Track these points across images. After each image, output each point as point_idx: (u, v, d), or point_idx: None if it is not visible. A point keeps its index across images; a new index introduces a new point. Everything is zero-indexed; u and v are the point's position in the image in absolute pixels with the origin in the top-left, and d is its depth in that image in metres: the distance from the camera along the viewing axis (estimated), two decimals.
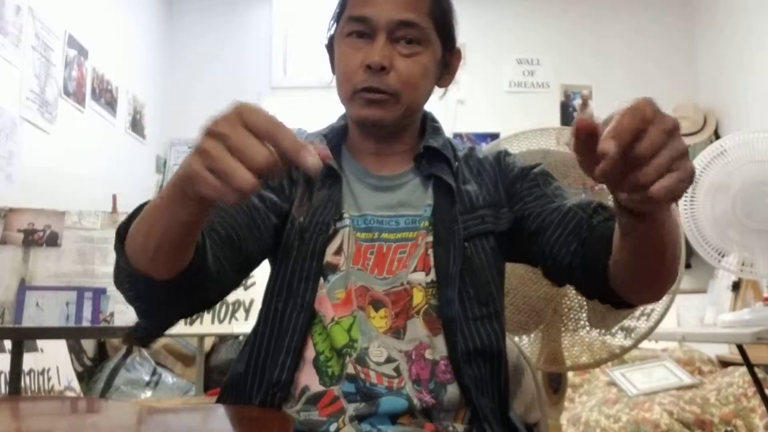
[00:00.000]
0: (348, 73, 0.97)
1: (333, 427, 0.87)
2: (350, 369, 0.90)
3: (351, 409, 0.88)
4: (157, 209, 0.69)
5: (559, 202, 0.97)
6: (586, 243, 0.90)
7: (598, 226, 0.90)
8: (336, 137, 1.05)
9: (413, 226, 0.98)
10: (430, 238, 0.97)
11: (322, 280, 0.94)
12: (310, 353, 0.92)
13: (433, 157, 1.02)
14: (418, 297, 0.94)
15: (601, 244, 0.86)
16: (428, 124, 1.07)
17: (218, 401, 0.98)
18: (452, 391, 0.91)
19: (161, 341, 3.07)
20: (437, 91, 1.07)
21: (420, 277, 0.95)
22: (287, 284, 0.95)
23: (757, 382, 2.16)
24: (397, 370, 0.90)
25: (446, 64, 1.04)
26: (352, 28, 0.97)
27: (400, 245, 0.97)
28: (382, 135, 1.02)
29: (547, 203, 0.98)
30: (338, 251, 0.96)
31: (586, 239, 0.90)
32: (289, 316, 0.93)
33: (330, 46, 1.04)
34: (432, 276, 0.95)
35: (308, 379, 0.91)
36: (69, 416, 0.92)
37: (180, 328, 1.66)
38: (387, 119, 0.97)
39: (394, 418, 0.88)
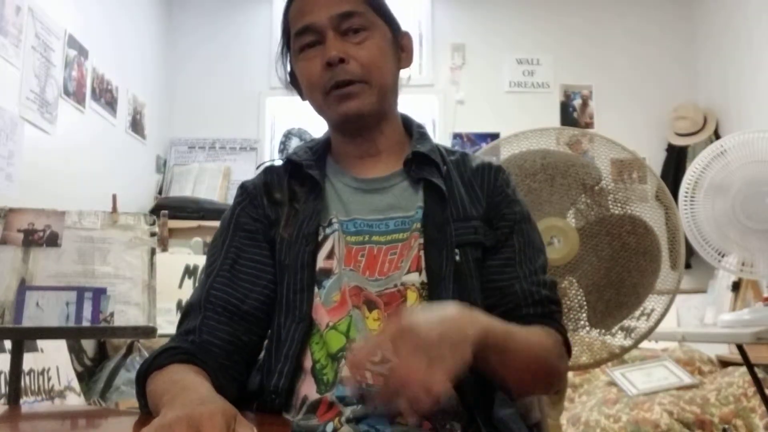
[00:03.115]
0: (313, 81, 1.00)
1: (329, 427, 0.87)
2: (345, 372, 0.90)
3: (348, 411, 0.88)
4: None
5: (511, 275, 0.99)
6: None
7: (523, 317, 0.96)
8: (321, 148, 1.07)
9: (404, 227, 0.98)
10: (423, 240, 0.97)
11: (316, 288, 0.95)
12: (308, 363, 0.93)
13: (422, 161, 1.02)
14: (412, 297, 0.94)
15: None
16: (414, 131, 1.08)
17: None
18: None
19: (161, 341, 3.07)
20: (404, 81, 1.08)
21: (414, 277, 0.95)
22: (285, 298, 0.96)
23: (757, 382, 2.16)
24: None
25: (401, 47, 1.06)
26: (301, 42, 1.00)
27: (391, 247, 0.97)
28: (363, 130, 1.03)
29: (505, 264, 1.00)
30: (330, 255, 0.97)
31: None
32: (287, 328, 0.95)
33: (292, 81, 1.07)
34: (424, 277, 0.95)
35: (307, 388, 0.92)
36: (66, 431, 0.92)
37: None
38: (366, 108, 0.99)
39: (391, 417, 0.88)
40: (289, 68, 1.07)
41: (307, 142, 1.10)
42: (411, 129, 1.08)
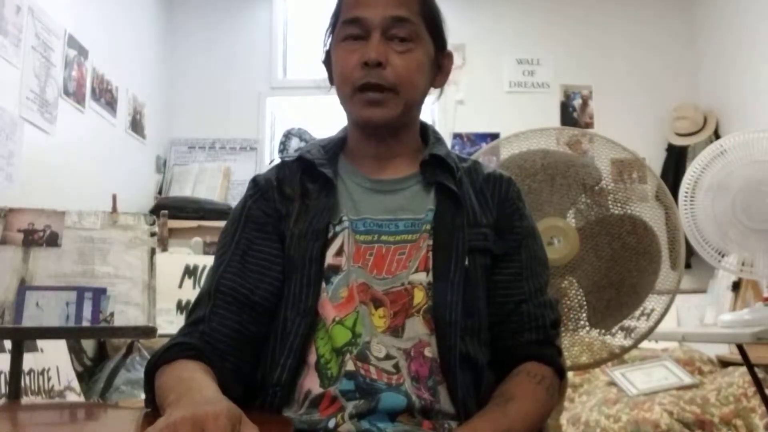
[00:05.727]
0: (345, 73, 0.99)
1: (332, 422, 0.88)
2: (349, 366, 0.90)
3: (350, 407, 0.88)
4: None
5: (519, 292, 1.01)
6: (507, 349, 0.99)
7: (523, 345, 0.99)
8: (334, 147, 1.08)
9: (413, 228, 0.99)
10: (431, 241, 0.98)
11: (324, 284, 0.96)
12: (312, 358, 0.93)
13: (437, 165, 1.04)
14: (419, 297, 0.95)
15: (507, 362, 0.98)
16: (431, 136, 1.09)
17: None
18: (445, 392, 0.92)
19: (161, 341, 3.06)
20: (433, 93, 1.09)
21: (421, 277, 0.96)
22: (292, 292, 0.97)
23: (757, 382, 2.16)
24: (396, 366, 0.91)
25: (440, 66, 1.07)
26: (347, 31, 1.00)
27: (399, 247, 0.98)
28: (382, 135, 1.04)
29: (513, 279, 1.01)
30: (339, 252, 0.97)
31: (511, 347, 0.99)
32: (291, 321, 0.95)
33: (326, 61, 1.07)
34: (431, 277, 0.96)
35: (310, 383, 0.92)
36: (68, 424, 0.92)
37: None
38: (389, 117, 0.99)
39: (393, 416, 0.88)
40: (327, 47, 1.08)
41: (321, 140, 1.11)
42: (427, 134, 1.10)
